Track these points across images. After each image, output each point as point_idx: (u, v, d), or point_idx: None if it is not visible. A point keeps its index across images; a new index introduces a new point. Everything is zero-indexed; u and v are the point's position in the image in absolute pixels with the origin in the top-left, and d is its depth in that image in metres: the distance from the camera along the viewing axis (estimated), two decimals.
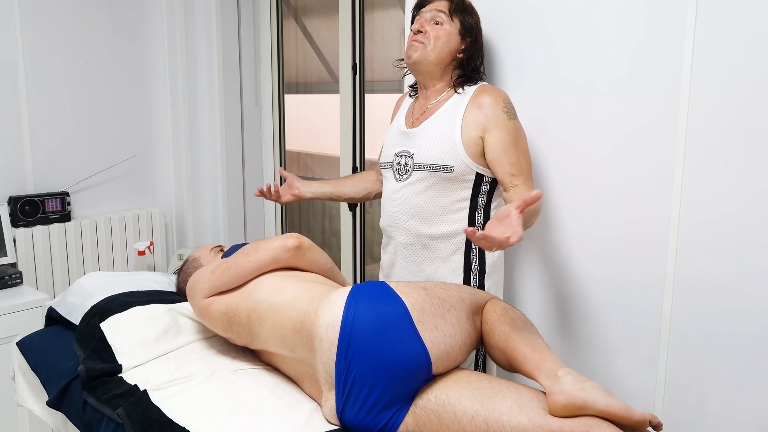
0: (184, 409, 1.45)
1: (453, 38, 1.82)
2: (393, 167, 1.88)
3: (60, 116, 2.96)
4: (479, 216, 1.82)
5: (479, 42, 1.87)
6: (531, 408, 1.28)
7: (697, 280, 1.69)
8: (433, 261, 1.83)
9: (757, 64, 1.54)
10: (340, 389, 1.37)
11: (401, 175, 1.85)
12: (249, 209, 3.40)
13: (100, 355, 1.70)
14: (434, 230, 1.81)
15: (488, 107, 1.76)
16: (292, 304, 1.48)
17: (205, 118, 3.25)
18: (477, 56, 1.87)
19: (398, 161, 1.86)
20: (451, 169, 1.76)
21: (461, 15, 1.83)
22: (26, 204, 2.83)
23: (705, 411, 1.72)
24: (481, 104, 1.78)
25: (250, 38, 3.29)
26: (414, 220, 1.82)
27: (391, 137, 1.95)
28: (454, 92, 1.84)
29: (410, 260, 1.86)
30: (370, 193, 2.15)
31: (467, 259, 1.82)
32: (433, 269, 1.83)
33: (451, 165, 1.76)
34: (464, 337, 1.43)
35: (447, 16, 1.82)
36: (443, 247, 1.82)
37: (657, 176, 1.73)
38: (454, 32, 1.82)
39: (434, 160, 1.78)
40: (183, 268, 2.03)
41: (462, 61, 1.85)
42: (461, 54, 1.84)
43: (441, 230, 1.81)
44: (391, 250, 1.93)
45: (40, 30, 2.87)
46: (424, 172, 1.80)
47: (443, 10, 1.83)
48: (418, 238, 1.83)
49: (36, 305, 2.56)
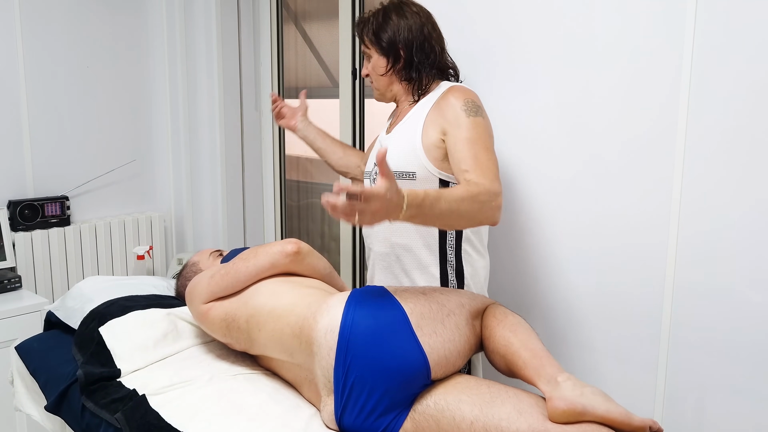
0: (183, 414, 1.45)
1: (379, 64, 1.81)
2: (371, 177, 1.86)
3: (60, 120, 2.97)
4: None
5: (408, 44, 1.77)
6: (530, 414, 1.28)
7: (696, 286, 1.69)
8: (409, 272, 1.79)
9: (756, 73, 1.54)
10: (338, 394, 1.37)
11: (372, 184, 1.83)
12: (248, 214, 3.40)
13: (98, 360, 1.70)
14: (405, 240, 1.77)
15: (448, 107, 1.69)
16: (291, 310, 1.48)
17: (205, 122, 3.26)
18: (411, 58, 1.78)
19: (376, 170, 1.83)
20: (414, 176, 1.71)
21: (373, 37, 1.80)
22: (26, 208, 2.82)
23: (704, 416, 1.72)
24: (441, 105, 1.72)
25: (250, 43, 3.29)
26: (388, 228, 1.78)
27: (375, 146, 1.95)
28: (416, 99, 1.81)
29: (387, 271, 1.83)
30: (348, 173, 2.18)
31: (443, 270, 1.77)
32: (410, 281, 1.79)
33: (413, 171, 1.71)
34: (463, 342, 1.43)
35: (366, 47, 1.83)
36: (418, 258, 1.77)
37: (656, 184, 1.74)
38: (376, 58, 1.81)
39: (398, 167, 1.72)
40: (182, 273, 2.03)
41: (399, 72, 1.81)
42: (390, 70, 1.80)
43: (414, 240, 1.76)
44: (371, 264, 1.90)
45: (41, 34, 2.87)
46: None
47: (365, 44, 1.84)
48: (392, 248, 1.79)
49: (35, 309, 2.55)
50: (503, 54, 2.01)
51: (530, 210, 2.00)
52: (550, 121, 1.93)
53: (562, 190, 1.93)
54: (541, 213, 1.99)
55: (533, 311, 2.04)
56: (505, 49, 2.00)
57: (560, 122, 1.91)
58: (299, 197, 3.37)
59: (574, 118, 1.87)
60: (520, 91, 1.98)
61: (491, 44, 2.03)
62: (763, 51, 1.53)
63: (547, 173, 1.95)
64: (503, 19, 1.99)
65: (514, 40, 1.97)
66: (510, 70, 2.00)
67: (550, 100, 1.92)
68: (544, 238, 1.99)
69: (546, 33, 1.91)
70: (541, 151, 1.95)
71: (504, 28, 2.00)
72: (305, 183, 3.33)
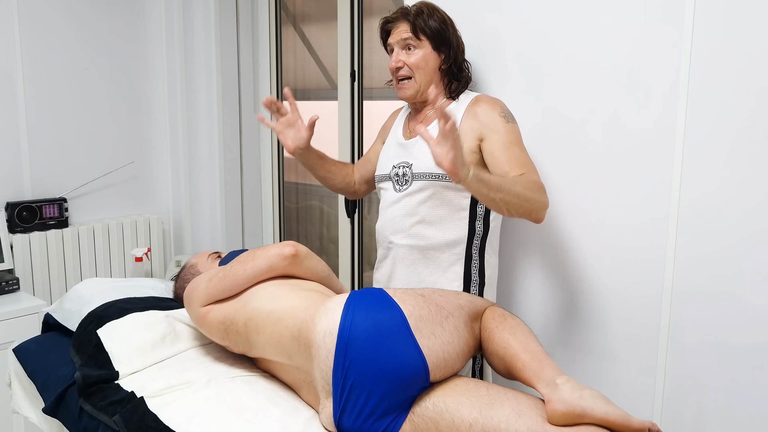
0: (181, 417, 1.45)
1: (431, 58, 1.80)
2: (392, 178, 1.86)
3: (58, 122, 2.96)
4: (479, 225, 1.81)
5: (455, 40, 1.82)
6: (529, 416, 1.27)
7: (695, 289, 1.69)
8: (433, 271, 1.81)
9: (756, 72, 1.54)
10: (337, 397, 1.37)
11: (401, 186, 1.83)
12: (247, 216, 3.40)
13: (96, 362, 1.69)
14: (434, 239, 1.80)
15: (484, 114, 1.76)
16: (290, 312, 1.48)
17: (204, 124, 3.25)
18: (458, 55, 1.84)
19: (396, 172, 1.85)
20: (448, 179, 1.75)
21: (426, 29, 1.78)
22: (24, 210, 2.82)
23: (703, 419, 1.72)
24: (476, 112, 1.77)
25: (249, 45, 3.29)
26: (416, 225, 1.81)
27: (388, 150, 1.94)
28: (450, 100, 1.84)
29: (410, 270, 1.84)
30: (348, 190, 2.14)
31: (467, 270, 1.81)
32: (433, 280, 1.81)
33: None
34: (462, 344, 1.43)
35: (415, 38, 1.79)
36: (443, 257, 1.81)
37: (655, 186, 1.74)
38: (429, 51, 1.80)
39: (432, 169, 1.76)
40: (180, 275, 2.02)
41: (446, 70, 1.83)
42: (444, 65, 1.82)
43: (441, 239, 1.79)
44: (389, 262, 1.89)
45: (39, 36, 2.87)
46: (423, 181, 1.79)
47: (409, 34, 1.79)
48: (418, 244, 1.81)
49: (33, 311, 2.55)
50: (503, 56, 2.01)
51: None
52: (547, 122, 1.93)
53: (560, 192, 1.93)
54: None
55: (532, 313, 2.04)
56: (505, 51, 2.00)
57: (557, 123, 1.91)
58: (298, 199, 3.37)
59: (573, 119, 1.87)
60: (519, 90, 1.98)
61: (491, 45, 2.03)
62: (763, 51, 1.53)
63: (545, 176, 1.95)
64: (505, 20, 1.99)
65: (516, 39, 1.97)
66: (510, 71, 2.00)
67: (548, 101, 1.92)
68: (542, 240, 1.99)
69: (545, 33, 1.91)
70: (538, 154, 1.95)
71: (503, 28, 2.00)
72: (304, 185, 3.33)
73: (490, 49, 2.03)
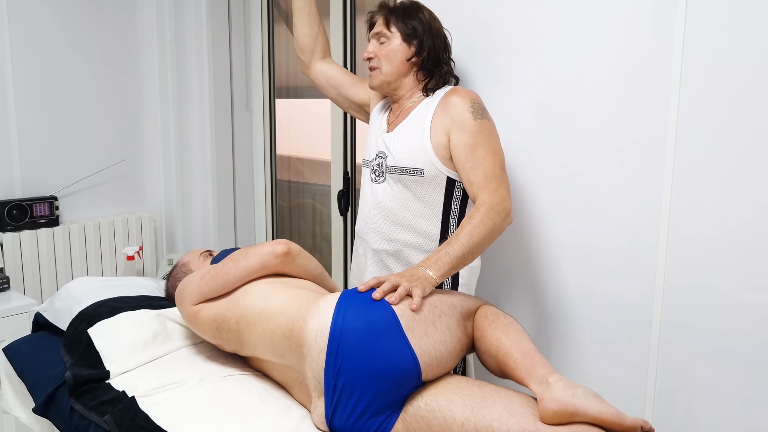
0: (173, 416, 1.44)
1: (400, 49, 1.81)
2: (371, 167, 1.88)
3: (49, 120, 2.94)
4: (453, 224, 1.80)
5: (432, 38, 1.81)
6: (521, 414, 1.27)
7: (687, 288, 1.70)
8: (404, 268, 1.80)
9: (748, 77, 1.55)
10: (329, 396, 1.36)
11: (377, 177, 1.85)
12: (239, 214, 3.39)
13: (87, 361, 1.68)
14: (407, 236, 1.80)
15: (454, 108, 1.73)
16: (282, 311, 1.47)
17: (196, 122, 3.24)
18: (434, 53, 1.82)
19: (377, 162, 1.86)
20: (422, 172, 1.75)
21: (399, 23, 1.80)
22: (14, 208, 2.80)
23: (695, 417, 1.72)
24: (447, 106, 1.75)
25: (241, 42, 3.28)
26: (387, 224, 1.82)
27: (374, 133, 1.94)
28: (425, 96, 1.83)
29: (381, 266, 1.85)
30: (305, 51, 2.08)
31: None
32: None
33: (421, 168, 1.75)
34: (454, 343, 1.43)
35: (387, 30, 1.81)
36: (415, 254, 1.80)
37: (647, 187, 1.74)
38: (398, 43, 1.80)
39: (405, 163, 1.77)
40: (172, 273, 2.01)
41: (419, 64, 1.82)
42: (414, 58, 1.81)
43: (413, 237, 1.80)
44: (361, 254, 1.92)
45: (29, 33, 2.85)
46: (396, 175, 1.79)
47: (382, 26, 1.82)
48: (391, 243, 1.82)
49: (23, 311, 2.54)
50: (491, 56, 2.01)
51: (522, 212, 2.00)
52: (538, 123, 1.93)
53: (553, 193, 1.93)
54: (532, 215, 1.99)
55: (525, 312, 2.05)
56: (492, 51, 2.00)
57: (548, 124, 1.91)
58: (290, 197, 3.36)
59: (565, 119, 1.87)
60: (508, 90, 1.98)
61: (480, 45, 2.03)
62: (755, 55, 1.53)
63: (536, 175, 1.95)
64: (494, 20, 1.99)
65: (508, 39, 1.97)
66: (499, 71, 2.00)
67: (538, 101, 1.92)
68: (535, 239, 1.99)
69: (534, 33, 1.91)
70: (531, 155, 1.95)
71: (501, 28, 1.99)
72: (296, 183, 3.32)
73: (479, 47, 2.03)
